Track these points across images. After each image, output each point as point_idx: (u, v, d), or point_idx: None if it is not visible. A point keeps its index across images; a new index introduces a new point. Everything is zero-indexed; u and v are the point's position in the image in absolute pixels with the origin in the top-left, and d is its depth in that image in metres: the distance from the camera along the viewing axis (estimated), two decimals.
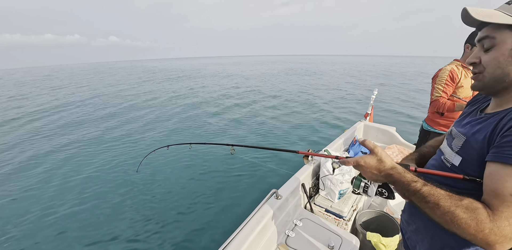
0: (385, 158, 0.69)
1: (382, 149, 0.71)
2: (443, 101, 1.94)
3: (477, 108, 0.78)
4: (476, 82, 0.69)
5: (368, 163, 0.69)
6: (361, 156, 0.72)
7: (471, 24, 0.67)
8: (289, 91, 12.03)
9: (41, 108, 9.07)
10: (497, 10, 0.62)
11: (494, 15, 0.60)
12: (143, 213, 2.86)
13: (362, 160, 0.70)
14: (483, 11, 0.62)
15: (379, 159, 0.69)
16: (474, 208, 0.53)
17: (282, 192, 1.63)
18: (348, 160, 0.74)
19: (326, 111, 7.85)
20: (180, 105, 8.43)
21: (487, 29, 0.63)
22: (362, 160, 0.70)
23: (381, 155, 0.69)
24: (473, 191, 0.62)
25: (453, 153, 0.71)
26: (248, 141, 5.13)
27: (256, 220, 1.38)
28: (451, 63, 2.03)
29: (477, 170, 0.62)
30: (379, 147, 0.71)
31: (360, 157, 0.72)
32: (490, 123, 0.63)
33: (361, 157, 0.72)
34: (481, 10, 0.62)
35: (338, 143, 2.48)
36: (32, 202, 3.08)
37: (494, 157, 0.56)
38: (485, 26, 0.64)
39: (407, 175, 0.64)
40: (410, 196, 0.62)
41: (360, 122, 3.07)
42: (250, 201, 3.08)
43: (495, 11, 0.62)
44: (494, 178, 0.55)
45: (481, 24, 0.64)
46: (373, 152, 0.70)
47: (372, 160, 0.69)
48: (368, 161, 0.70)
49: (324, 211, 1.84)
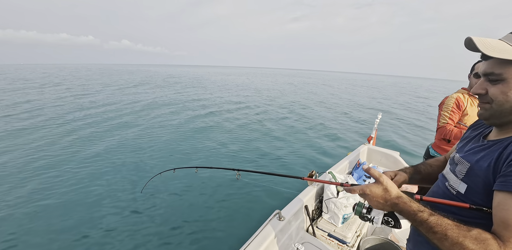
0: (391, 187, 0.69)
1: (388, 178, 0.71)
2: (450, 129, 1.96)
3: (479, 134, 0.78)
4: (482, 110, 0.69)
5: (374, 192, 0.69)
6: (367, 185, 0.72)
7: (475, 50, 0.64)
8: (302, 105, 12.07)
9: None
10: (502, 41, 0.61)
11: (502, 49, 0.59)
12: (144, 233, 2.80)
13: (368, 189, 0.71)
14: (491, 43, 0.60)
15: (384, 188, 0.69)
16: (483, 239, 0.52)
17: (285, 213, 1.61)
18: (353, 188, 0.75)
19: (331, 130, 7.88)
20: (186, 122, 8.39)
21: (494, 64, 0.62)
22: (367, 189, 0.71)
23: (387, 184, 0.69)
24: (479, 219, 0.62)
25: (457, 180, 0.70)
26: (252, 160, 5.11)
27: (258, 242, 1.36)
28: (458, 91, 2.07)
29: (483, 198, 0.62)
30: (384, 175, 0.72)
31: (365, 185, 0.72)
32: (494, 151, 0.63)
33: (366, 186, 0.72)
34: (488, 42, 0.60)
35: (342, 165, 2.48)
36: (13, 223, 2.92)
37: (502, 186, 0.56)
38: (491, 57, 0.61)
39: (413, 204, 0.64)
40: (417, 226, 0.62)
41: (363, 146, 3.08)
42: (253, 220, 3.03)
43: (503, 44, 0.60)
44: (503, 208, 0.54)
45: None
46: (379, 180, 0.70)
47: (378, 189, 0.69)
48: (374, 190, 0.70)
49: (327, 236, 1.79)
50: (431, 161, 1.02)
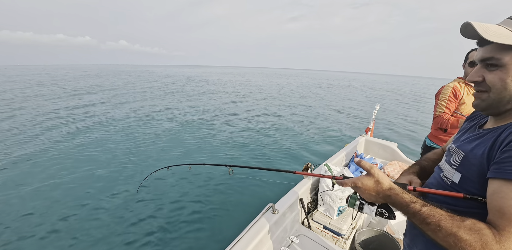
0: (383, 179, 0.67)
1: (379, 170, 0.70)
2: (447, 118, 1.94)
3: (475, 124, 0.77)
4: (479, 101, 0.66)
5: (366, 184, 0.68)
6: (358, 177, 0.70)
7: (471, 37, 0.62)
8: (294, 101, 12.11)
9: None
10: (501, 26, 0.59)
11: (503, 34, 0.56)
12: (141, 230, 2.81)
13: (359, 181, 0.69)
14: (490, 28, 0.57)
15: (376, 180, 0.67)
16: (478, 228, 0.51)
17: (279, 206, 1.58)
18: (345, 181, 0.73)
19: (329, 123, 7.84)
20: (181, 122, 8.24)
21: (492, 49, 0.59)
22: (359, 181, 0.69)
23: (378, 176, 0.67)
24: (474, 209, 0.61)
25: (452, 169, 0.69)
26: (246, 155, 5.08)
27: (251, 235, 1.34)
28: (454, 81, 2.04)
29: (478, 187, 0.60)
30: (375, 167, 0.70)
31: (357, 178, 0.71)
32: (488, 139, 0.61)
33: (358, 178, 0.70)
34: (488, 27, 0.57)
35: (339, 157, 2.45)
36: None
37: (496, 173, 0.54)
38: (489, 43, 0.59)
39: (405, 195, 0.62)
40: (410, 218, 0.60)
41: (361, 137, 3.04)
42: (246, 216, 3.02)
43: (502, 29, 0.57)
44: (498, 196, 0.52)
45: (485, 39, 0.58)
46: (370, 173, 0.69)
47: (370, 181, 0.68)
48: (365, 182, 0.68)
49: (322, 228, 1.78)
50: (430, 154, 1.01)
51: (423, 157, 1.02)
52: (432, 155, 1.00)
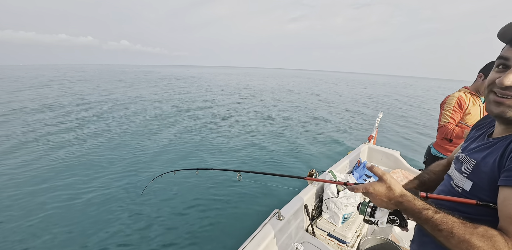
0: (395, 185, 0.68)
1: (391, 176, 0.70)
2: (451, 128, 1.93)
3: (484, 133, 0.77)
4: (504, 107, 0.61)
5: (378, 190, 0.68)
6: (370, 183, 0.71)
7: (509, 42, 0.60)
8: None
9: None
10: None
11: None
12: (145, 234, 2.79)
13: (371, 187, 0.69)
14: None
15: (388, 186, 0.68)
16: (490, 235, 0.51)
17: (284, 212, 1.59)
18: (357, 186, 0.74)
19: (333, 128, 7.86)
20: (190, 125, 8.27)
21: None
22: (371, 187, 0.69)
23: (390, 182, 0.68)
24: (486, 216, 0.61)
25: (463, 177, 0.70)
26: (254, 161, 5.08)
27: (256, 241, 1.34)
28: (459, 90, 2.03)
29: (489, 194, 0.61)
30: (388, 173, 0.71)
31: (369, 184, 0.71)
32: (499, 147, 0.62)
33: (370, 184, 0.71)
34: None
35: (343, 165, 2.46)
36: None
37: (506, 181, 0.55)
38: None
39: (417, 202, 0.63)
40: (423, 224, 0.61)
41: (364, 145, 3.05)
42: (253, 219, 3.03)
43: None
44: (509, 203, 0.53)
45: None
46: (382, 179, 0.69)
47: (382, 187, 0.68)
48: (377, 188, 0.68)
49: (326, 235, 1.77)
50: (433, 166, 1.01)
51: (426, 169, 1.03)
52: (436, 166, 1.00)
